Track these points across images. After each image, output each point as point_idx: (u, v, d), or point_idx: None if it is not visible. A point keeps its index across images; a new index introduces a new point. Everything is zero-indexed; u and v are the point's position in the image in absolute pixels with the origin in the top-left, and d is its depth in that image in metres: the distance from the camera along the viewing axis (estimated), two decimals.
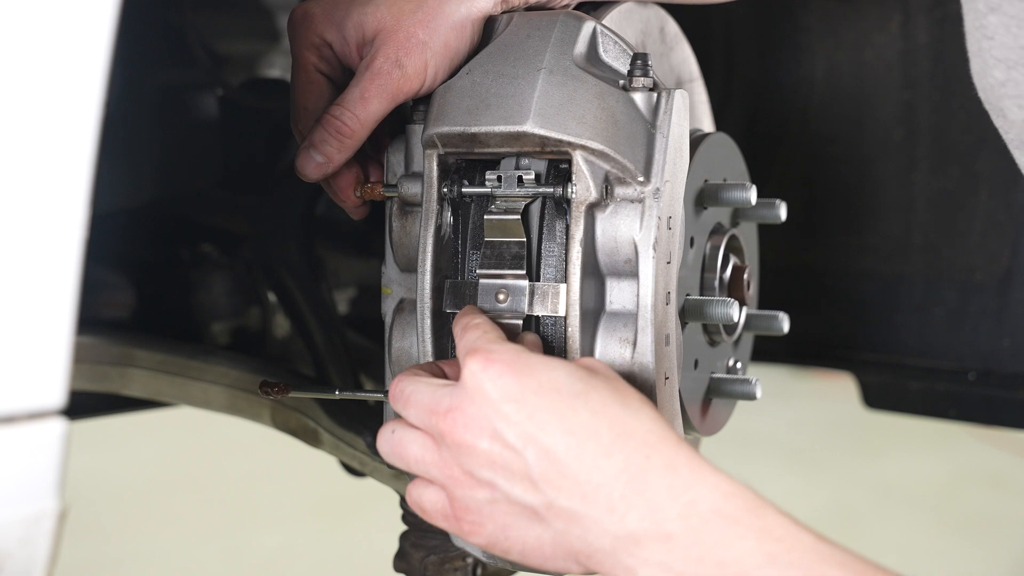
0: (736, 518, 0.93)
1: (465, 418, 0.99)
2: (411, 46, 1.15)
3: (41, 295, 0.73)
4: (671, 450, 0.96)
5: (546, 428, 0.97)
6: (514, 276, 1.14)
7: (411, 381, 1.04)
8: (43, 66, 0.71)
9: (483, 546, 1.02)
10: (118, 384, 1.58)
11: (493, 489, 0.99)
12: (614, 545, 0.95)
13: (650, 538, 0.94)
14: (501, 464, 0.98)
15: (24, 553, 0.77)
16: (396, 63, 1.15)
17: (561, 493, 0.96)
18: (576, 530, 0.96)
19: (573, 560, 0.99)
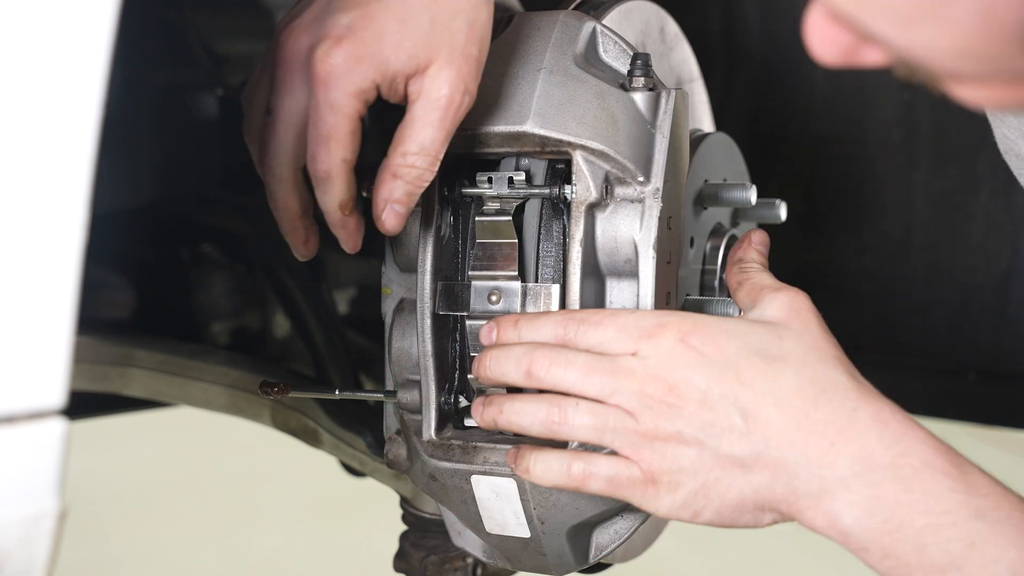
0: (945, 471, 0.95)
1: (668, 384, 1.00)
2: (471, 68, 1.05)
3: (41, 295, 0.73)
4: (876, 404, 0.99)
5: (752, 385, 0.99)
6: (506, 277, 1.14)
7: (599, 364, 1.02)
8: (43, 66, 0.71)
9: (675, 507, 1.01)
10: (118, 384, 1.58)
11: (701, 447, 1.00)
12: (822, 490, 0.97)
13: (861, 483, 0.96)
14: (710, 421, 0.99)
15: (24, 553, 0.77)
16: (465, 91, 1.05)
17: (771, 443, 0.98)
18: (782, 478, 0.98)
19: (769, 510, 1.00)
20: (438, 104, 1.04)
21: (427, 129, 1.05)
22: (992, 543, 0.93)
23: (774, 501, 0.99)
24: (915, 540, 0.95)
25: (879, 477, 0.96)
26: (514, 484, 1.13)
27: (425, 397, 1.17)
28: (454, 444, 1.16)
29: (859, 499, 0.96)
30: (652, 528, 1.28)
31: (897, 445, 0.97)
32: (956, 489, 0.95)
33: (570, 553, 1.17)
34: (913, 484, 0.95)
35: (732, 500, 1.00)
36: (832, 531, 0.98)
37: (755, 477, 0.99)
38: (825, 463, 0.97)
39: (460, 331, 1.18)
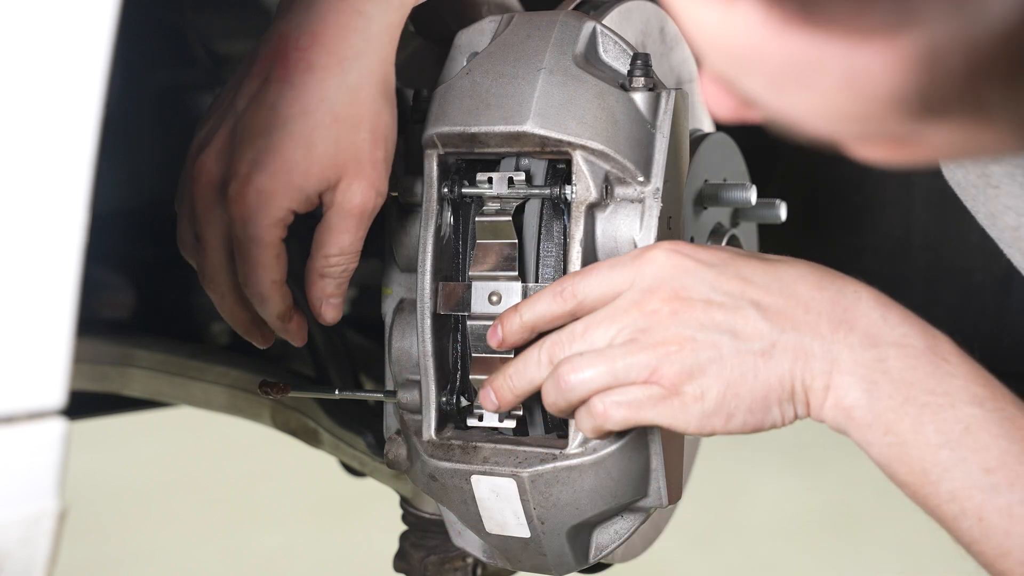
0: (946, 357, 0.98)
1: (672, 291, 1.01)
2: (379, 172, 1.10)
3: (41, 295, 0.73)
4: (875, 292, 1.01)
5: (754, 279, 1.01)
6: (507, 278, 1.14)
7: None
8: (43, 66, 0.71)
9: (707, 415, 1.00)
10: (118, 384, 1.58)
11: (717, 347, 1.00)
12: (834, 366, 0.99)
13: (869, 357, 0.98)
14: (721, 320, 1.00)
15: (24, 553, 0.77)
16: (376, 195, 1.11)
17: (785, 328, 1.00)
18: (801, 359, 0.99)
19: (793, 400, 1.00)
20: (351, 213, 1.10)
21: (344, 235, 1.11)
22: (985, 430, 0.95)
23: (795, 386, 1.00)
24: (915, 417, 0.97)
25: (885, 353, 0.98)
26: (514, 484, 1.13)
27: (425, 397, 1.17)
28: (454, 444, 1.16)
29: (867, 373, 0.98)
30: (652, 528, 1.28)
31: (901, 327, 0.99)
32: (955, 375, 0.97)
33: (570, 553, 1.17)
34: (916, 364, 0.97)
35: (760, 392, 1.00)
36: (838, 410, 0.99)
37: (777, 364, 1.00)
38: (837, 339, 0.99)
39: (461, 331, 1.18)
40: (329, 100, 1.07)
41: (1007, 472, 0.94)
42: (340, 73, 1.07)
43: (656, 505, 1.17)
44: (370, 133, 1.09)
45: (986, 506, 0.94)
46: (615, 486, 1.13)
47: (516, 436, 1.17)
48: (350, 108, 1.07)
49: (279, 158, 1.06)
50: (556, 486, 1.13)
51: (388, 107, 1.10)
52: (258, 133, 1.07)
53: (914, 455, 0.97)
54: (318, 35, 1.07)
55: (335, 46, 1.07)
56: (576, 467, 1.11)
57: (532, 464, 1.13)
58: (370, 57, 1.08)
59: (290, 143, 1.06)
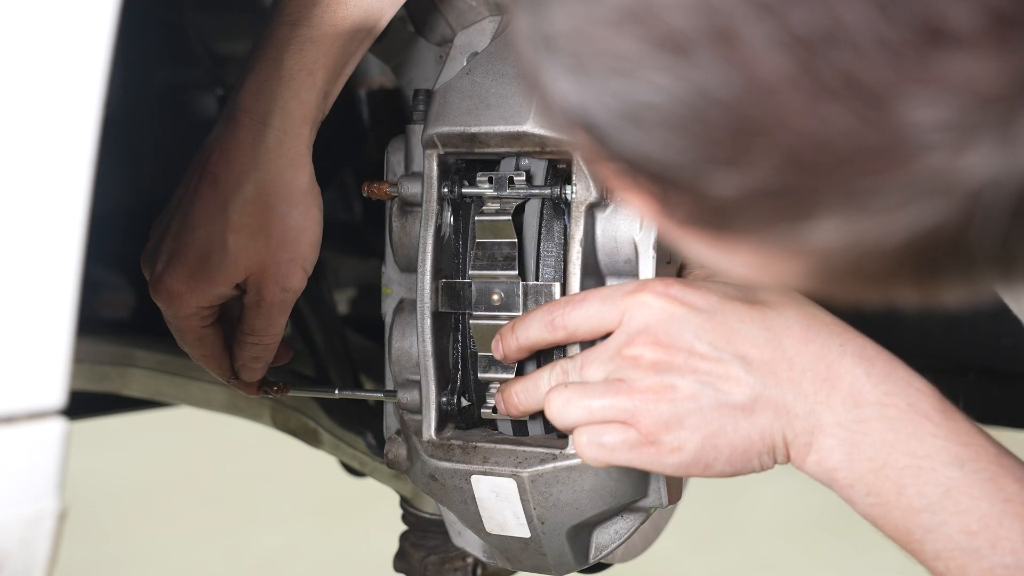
0: (928, 416, 0.96)
1: (655, 338, 1.00)
2: (286, 270, 1.15)
3: (41, 295, 0.73)
4: (859, 340, 1.00)
5: (740, 329, 0.99)
6: (507, 277, 1.14)
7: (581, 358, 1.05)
8: (42, 66, 0.71)
9: (684, 464, 1.00)
10: (118, 384, 1.58)
11: (698, 398, 0.99)
12: (816, 426, 0.98)
13: (851, 419, 0.97)
14: (704, 370, 0.99)
15: (24, 553, 0.77)
16: (282, 290, 1.15)
17: (768, 383, 0.98)
18: (783, 416, 0.98)
19: (774, 453, 1.00)
20: (260, 305, 1.16)
21: (255, 320, 1.17)
22: (966, 493, 0.94)
23: (776, 441, 0.99)
24: (896, 480, 0.96)
25: (867, 414, 0.97)
26: (514, 484, 1.13)
27: (425, 397, 1.17)
28: (454, 444, 1.16)
29: (848, 435, 0.97)
30: (652, 528, 1.28)
31: (883, 384, 0.98)
32: (937, 435, 0.96)
33: (570, 553, 1.17)
34: (898, 425, 0.96)
35: (740, 446, 0.99)
36: (820, 469, 0.99)
37: (757, 419, 0.99)
38: (819, 399, 0.98)
39: (462, 331, 1.18)
40: (227, 211, 1.13)
41: (988, 535, 0.93)
42: (238, 186, 1.12)
43: (656, 505, 1.17)
44: (270, 238, 1.14)
45: (969, 568, 0.94)
46: (615, 486, 1.13)
47: (516, 436, 1.18)
48: (247, 218, 1.13)
49: (183, 263, 1.14)
50: (556, 486, 1.13)
51: (292, 210, 1.14)
52: (172, 237, 1.15)
53: (896, 516, 0.97)
54: (223, 149, 1.13)
55: (234, 159, 1.13)
56: (576, 467, 1.11)
57: (532, 464, 1.13)
58: (267, 167, 1.13)
59: (194, 249, 1.13)
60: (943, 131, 0.51)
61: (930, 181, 0.52)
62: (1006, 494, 0.94)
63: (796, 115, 0.52)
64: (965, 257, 0.55)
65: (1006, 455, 0.96)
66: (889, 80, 0.51)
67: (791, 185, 0.54)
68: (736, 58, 0.51)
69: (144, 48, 1.54)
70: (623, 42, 0.53)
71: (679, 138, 0.54)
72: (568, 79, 0.55)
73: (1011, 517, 0.93)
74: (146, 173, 1.65)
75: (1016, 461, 0.96)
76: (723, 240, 0.61)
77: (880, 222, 0.54)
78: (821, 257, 0.57)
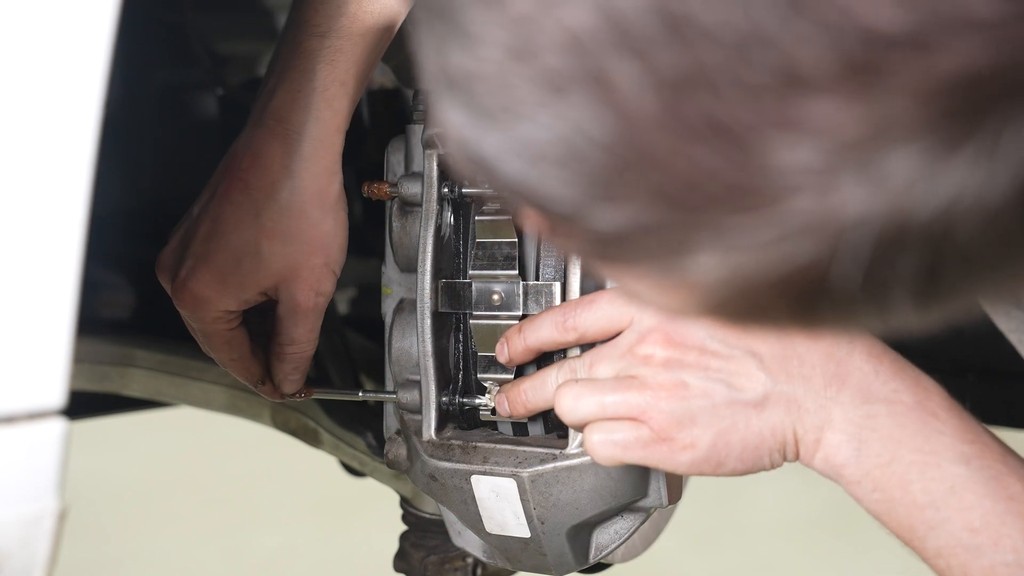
0: (935, 413, 0.97)
1: (666, 335, 1.00)
2: (320, 274, 1.16)
3: (41, 295, 0.73)
4: (868, 339, 1.00)
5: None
6: (507, 277, 1.14)
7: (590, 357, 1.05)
8: (42, 66, 0.71)
9: (697, 462, 1.00)
10: (118, 384, 1.58)
11: (710, 395, 0.99)
12: (826, 421, 0.98)
13: (859, 414, 0.98)
14: (716, 367, 0.99)
15: (24, 553, 0.77)
16: (316, 294, 1.16)
17: (779, 379, 0.99)
18: (794, 411, 0.99)
19: (784, 450, 1.00)
20: (294, 311, 1.16)
21: (292, 328, 1.17)
22: (971, 490, 0.95)
23: (787, 437, 1.00)
24: (902, 476, 0.97)
25: (875, 410, 0.98)
26: (514, 484, 1.13)
27: (425, 397, 1.17)
28: (454, 444, 1.16)
29: (857, 431, 0.98)
30: (652, 528, 1.28)
31: (892, 382, 0.99)
32: (944, 432, 0.96)
33: (570, 553, 1.17)
34: (905, 422, 0.97)
35: (752, 443, 0.99)
36: (828, 465, 0.99)
37: (770, 415, 0.99)
38: (829, 395, 0.99)
39: (462, 331, 1.18)
40: (261, 217, 1.13)
41: (991, 532, 0.94)
42: (272, 193, 1.13)
43: (656, 505, 1.17)
44: (305, 244, 1.14)
45: (970, 565, 0.95)
46: (615, 486, 1.13)
47: (516, 436, 1.18)
48: (282, 224, 1.14)
49: (212, 267, 1.14)
50: (556, 486, 1.13)
51: (325, 217, 1.15)
52: (200, 241, 1.15)
53: (901, 512, 0.97)
54: (257, 156, 1.14)
55: (267, 167, 1.14)
56: (576, 467, 1.11)
57: (532, 464, 1.13)
58: (302, 175, 1.14)
59: (224, 255, 1.14)
60: (806, 173, 0.52)
61: (797, 221, 0.53)
62: (1010, 492, 0.94)
63: (664, 155, 0.53)
64: (836, 296, 0.56)
65: (1011, 455, 0.97)
66: (749, 123, 0.51)
67: (664, 221, 0.55)
68: (607, 99, 0.52)
69: (144, 48, 1.54)
70: (510, 80, 0.54)
71: (560, 173, 0.55)
72: (461, 113, 0.57)
73: (1014, 515, 0.94)
74: (146, 173, 1.65)
75: (1020, 460, 0.97)
76: (617, 270, 0.62)
77: (752, 259, 0.55)
78: (705, 290, 0.58)
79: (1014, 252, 0.55)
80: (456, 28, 0.55)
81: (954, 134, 0.51)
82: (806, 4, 0.49)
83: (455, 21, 0.55)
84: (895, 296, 0.56)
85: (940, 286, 0.56)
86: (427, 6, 0.57)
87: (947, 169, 0.51)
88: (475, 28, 0.54)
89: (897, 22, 0.49)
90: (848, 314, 0.59)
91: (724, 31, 0.50)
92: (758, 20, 0.50)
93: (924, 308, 0.57)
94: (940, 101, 0.50)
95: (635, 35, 0.51)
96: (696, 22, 0.50)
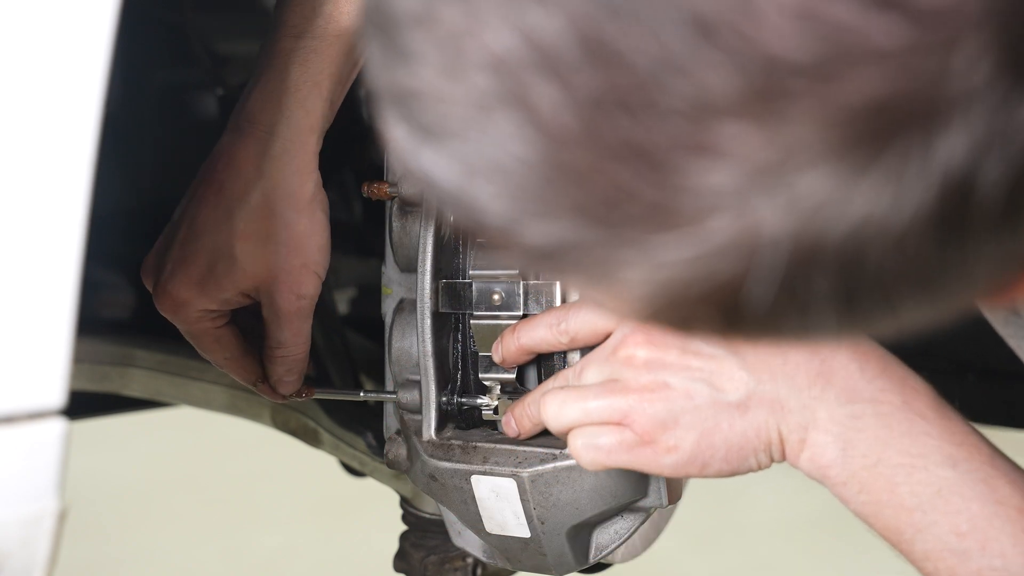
0: (923, 414, 0.96)
1: (647, 337, 1.00)
2: (299, 276, 1.16)
3: (41, 295, 0.73)
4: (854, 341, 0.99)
5: None
6: (507, 276, 1.14)
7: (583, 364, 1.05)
8: (42, 66, 0.71)
9: (681, 464, 1.00)
10: (118, 384, 1.58)
11: (692, 396, 0.99)
12: (811, 421, 0.97)
13: (845, 414, 0.97)
14: (697, 367, 0.99)
15: (24, 553, 0.77)
16: (297, 297, 1.16)
17: (762, 379, 0.98)
18: (777, 412, 0.98)
19: (770, 450, 1.00)
20: (277, 314, 1.16)
21: (279, 331, 1.17)
22: (958, 493, 0.94)
23: (771, 438, 0.99)
24: (889, 478, 0.96)
25: (861, 410, 0.96)
26: (514, 484, 1.13)
27: (425, 397, 1.17)
28: (454, 444, 1.16)
29: (842, 431, 0.97)
30: (652, 528, 1.28)
31: (878, 380, 0.97)
32: (931, 434, 0.95)
33: (570, 553, 1.17)
34: (892, 423, 0.96)
35: (736, 443, 0.99)
36: (814, 465, 0.98)
37: (753, 416, 0.98)
38: (814, 394, 0.97)
39: (462, 331, 1.18)
40: (234, 219, 1.14)
41: (978, 536, 0.93)
42: (244, 194, 1.14)
43: (656, 505, 1.17)
44: (280, 245, 1.14)
45: (958, 569, 0.94)
46: (615, 486, 1.13)
47: None
48: (254, 225, 1.14)
49: (189, 270, 1.14)
50: (556, 486, 1.13)
51: (300, 217, 1.15)
52: (178, 244, 1.15)
53: (888, 514, 0.96)
54: (231, 158, 1.14)
55: (240, 168, 1.14)
56: (576, 467, 1.11)
57: (532, 464, 1.13)
58: (273, 175, 1.14)
59: (199, 257, 1.14)
60: (722, 195, 0.53)
61: (717, 240, 0.54)
62: (998, 496, 0.94)
63: (586, 173, 0.54)
64: (757, 311, 0.56)
65: (999, 457, 0.96)
66: (665, 145, 0.52)
67: (590, 239, 0.56)
68: (529, 118, 0.54)
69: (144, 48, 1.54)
70: (443, 98, 0.56)
71: (491, 188, 0.56)
72: (401, 128, 0.58)
73: (1002, 519, 0.93)
74: (146, 173, 1.65)
75: (1009, 463, 0.96)
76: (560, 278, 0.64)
77: (678, 274, 0.56)
78: (636, 302, 0.59)
79: (926, 275, 0.56)
80: (395, 45, 0.57)
81: (859, 159, 0.52)
82: (715, 32, 0.50)
83: (394, 39, 0.57)
84: (815, 313, 0.57)
85: (858, 305, 0.57)
86: (372, 22, 0.58)
87: (854, 193, 0.52)
88: (412, 46, 0.56)
89: (801, 51, 0.50)
90: (772, 328, 0.59)
91: (637, 57, 0.51)
92: (670, 47, 0.51)
93: (847, 325, 0.59)
94: (844, 127, 0.51)
95: (554, 57, 0.52)
96: (612, 47, 0.51)
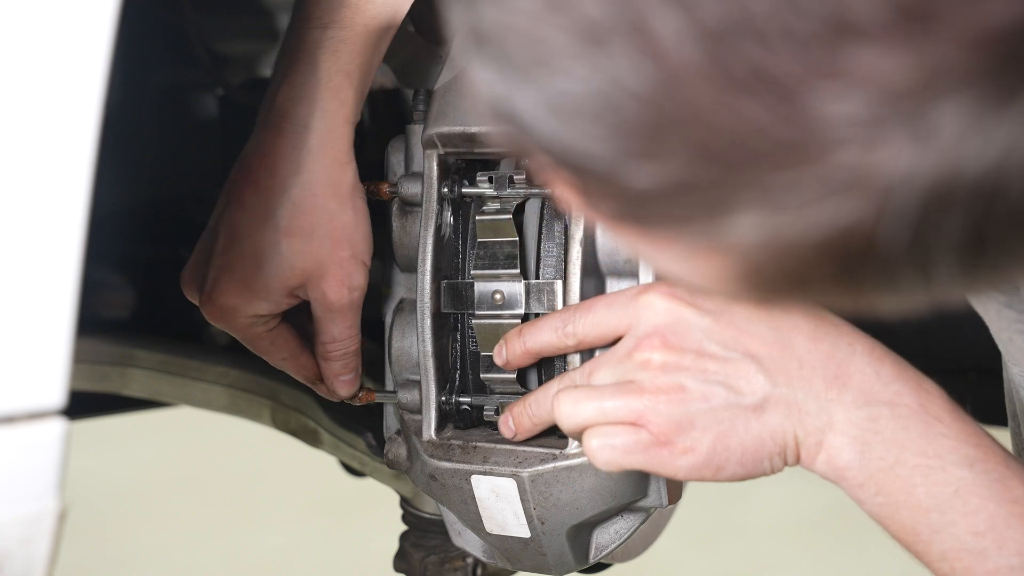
0: (939, 417, 0.96)
1: (664, 340, 0.99)
2: (349, 268, 1.14)
3: (41, 295, 0.73)
4: (869, 342, 0.99)
5: (748, 328, 0.98)
6: (509, 276, 1.14)
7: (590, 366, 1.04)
8: (43, 66, 0.71)
9: (696, 466, 0.99)
10: (118, 384, 1.58)
11: (708, 398, 0.98)
12: (828, 423, 0.97)
13: (862, 416, 0.96)
14: (714, 370, 0.98)
15: (24, 553, 0.77)
16: (349, 289, 1.14)
17: (778, 381, 0.97)
18: (794, 415, 0.98)
19: (785, 453, 0.99)
20: (329, 308, 1.14)
21: (331, 326, 1.15)
22: (975, 494, 0.94)
23: (787, 441, 0.98)
24: (906, 479, 0.96)
25: (878, 412, 0.96)
26: (514, 484, 1.13)
27: (425, 397, 1.17)
28: (454, 444, 1.16)
29: (860, 433, 0.97)
30: (652, 528, 1.28)
31: (894, 384, 0.97)
32: (947, 435, 0.95)
33: (570, 553, 1.17)
34: (908, 424, 0.96)
35: (752, 446, 0.98)
36: (830, 468, 0.98)
37: (769, 419, 0.98)
38: (831, 397, 0.97)
39: (461, 331, 1.18)
40: (276, 217, 1.11)
41: (995, 536, 0.93)
42: (283, 190, 1.11)
43: (656, 505, 1.17)
44: (326, 239, 1.13)
45: (975, 569, 0.94)
46: (615, 486, 1.13)
47: None
48: (297, 221, 1.11)
49: (235, 276, 1.12)
50: (556, 486, 1.13)
51: (344, 208, 1.13)
52: (219, 251, 1.13)
53: (904, 515, 0.96)
54: (265, 156, 1.12)
55: (277, 165, 1.12)
56: (576, 467, 1.11)
57: (532, 464, 1.13)
58: (313, 168, 1.12)
59: (245, 261, 1.12)
60: (853, 126, 0.51)
61: (843, 177, 0.52)
62: (1013, 496, 0.94)
63: (707, 109, 0.52)
64: (881, 258, 0.54)
65: (1013, 458, 0.96)
66: (797, 74, 0.50)
67: (705, 179, 0.54)
68: (648, 50, 0.51)
69: (144, 48, 1.54)
70: (545, 32, 0.53)
71: (596, 129, 0.54)
72: (492, 70, 0.56)
73: (1018, 519, 0.93)
74: (146, 173, 1.65)
75: (1021, 465, 0.96)
76: (648, 235, 0.60)
77: (796, 218, 0.54)
78: (743, 254, 0.57)
79: None
80: None
81: (1006, 85, 0.49)
82: None
83: None
84: (941, 258, 0.54)
85: (987, 247, 0.54)
86: None
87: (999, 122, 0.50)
88: None
89: None
90: (891, 278, 0.57)
91: None
92: None
93: (971, 271, 0.56)
94: (992, 50, 0.49)
95: None
96: None
